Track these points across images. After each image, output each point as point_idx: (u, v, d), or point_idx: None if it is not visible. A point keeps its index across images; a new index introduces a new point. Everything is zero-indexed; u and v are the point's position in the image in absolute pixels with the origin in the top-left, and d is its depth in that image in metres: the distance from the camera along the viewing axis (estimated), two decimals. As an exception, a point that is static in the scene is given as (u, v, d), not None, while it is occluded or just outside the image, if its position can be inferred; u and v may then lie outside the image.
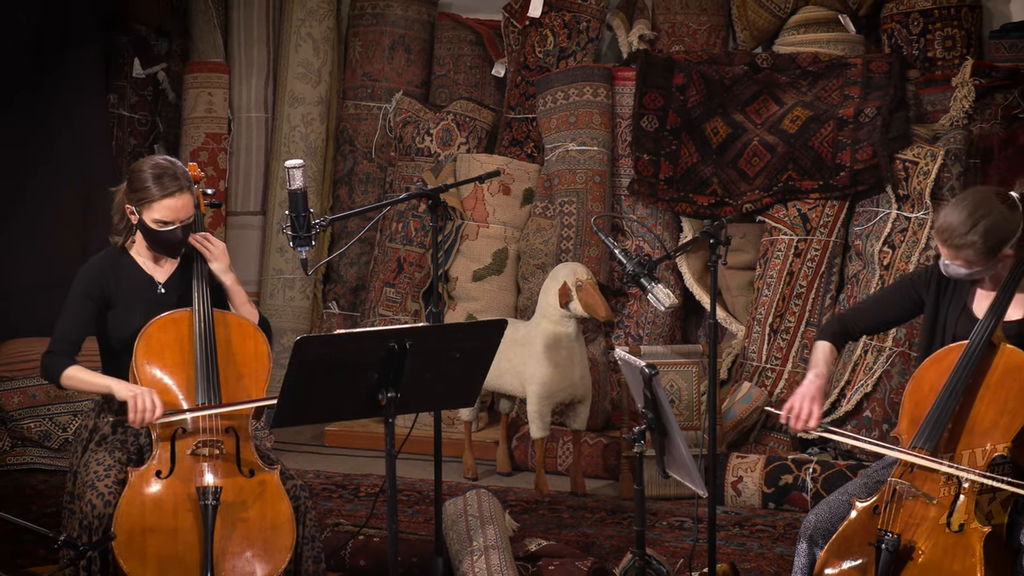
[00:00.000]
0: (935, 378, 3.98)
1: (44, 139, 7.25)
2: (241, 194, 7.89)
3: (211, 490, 4.13)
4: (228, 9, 7.88)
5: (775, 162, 6.73)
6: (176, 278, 4.50)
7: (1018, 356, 3.89)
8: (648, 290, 4.72)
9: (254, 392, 4.39)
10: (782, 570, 5.19)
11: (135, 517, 4.10)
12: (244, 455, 4.31)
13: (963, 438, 3.89)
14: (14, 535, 5.36)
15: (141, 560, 4.09)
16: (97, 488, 4.18)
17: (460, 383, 4.30)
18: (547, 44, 7.34)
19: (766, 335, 6.64)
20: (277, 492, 4.27)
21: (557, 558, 5.01)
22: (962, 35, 6.84)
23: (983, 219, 3.87)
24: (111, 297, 4.42)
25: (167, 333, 4.36)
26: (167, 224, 4.34)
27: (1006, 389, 3.87)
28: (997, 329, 3.94)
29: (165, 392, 4.31)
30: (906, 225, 6.43)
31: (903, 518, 3.84)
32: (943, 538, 3.77)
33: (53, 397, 6.46)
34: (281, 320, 7.69)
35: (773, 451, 6.29)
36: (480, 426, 6.90)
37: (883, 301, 4.33)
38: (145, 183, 4.33)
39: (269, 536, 4.21)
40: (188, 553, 4.11)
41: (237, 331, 4.46)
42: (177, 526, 4.14)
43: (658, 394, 3.82)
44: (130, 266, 4.48)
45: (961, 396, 3.90)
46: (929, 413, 3.92)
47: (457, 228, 7.21)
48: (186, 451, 4.25)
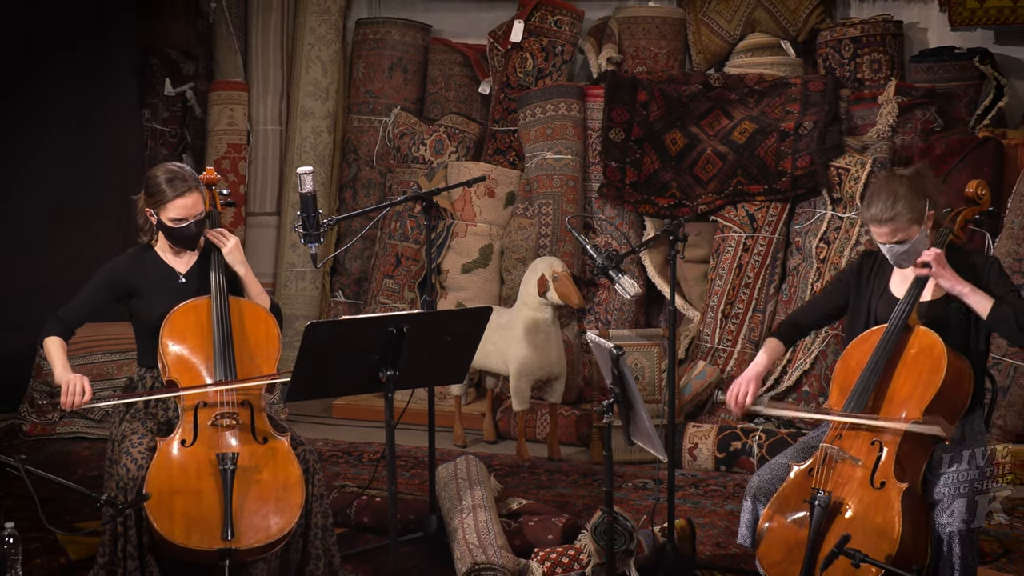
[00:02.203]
0: (860, 356, 4.02)
1: (88, 151, 7.26)
2: (259, 197, 7.89)
3: (229, 456, 4.13)
4: (247, 35, 7.87)
5: (726, 169, 6.74)
6: (195, 269, 4.50)
7: (929, 337, 3.92)
8: (615, 281, 4.72)
9: (265, 369, 4.39)
10: (731, 524, 5.19)
11: (164, 481, 4.10)
12: (258, 424, 4.31)
13: (884, 407, 3.92)
14: (62, 495, 5.34)
15: (170, 518, 4.09)
16: (131, 454, 4.19)
17: (451, 362, 4.31)
18: (527, 65, 7.34)
19: (718, 320, 6.65)
20: (288, 456, 4.27)
21: (536, 515, 5.02)
22: (887, 59, 6.86)
23: (898, 194, 3.91)
24: (138, 288, 4.43)
25: (188, 318, 4.36)
26: (181, 221, 4.36)
27: (920, 365, 3.90)
28: (913, 312, 3.97)
29: (189, 369, 4.32)
30: (839, 224, 6.45)
31: (833, 478, 3.86)
32: (867, 494, 3.79)
33: (97, 375, 6.45)
34: (293, 307, 7.68)
35: (724, 421, 6.29)
36: (468, 400, 6.91)
37: (824, 297, 4.36)
38: (159, 187, 4.35)
39: (281, 495, 4.21)
40: (210, 511, 4.11)
41: (250, 315, 4.46)
42: (200, 488, 4.13)
43: (624, 372, 3.83)
44: (154, 260, 4.49)
45: (882, 371, 3.93)
46: (855, 385, 3.95)
47: (448, 227, 7.21)
48: (207, 422, 4.25)
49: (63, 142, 7.15)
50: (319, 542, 4.39)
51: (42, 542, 4.94)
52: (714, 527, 5.21)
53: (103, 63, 7.32)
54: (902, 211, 3.90)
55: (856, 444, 3.89)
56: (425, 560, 4.86)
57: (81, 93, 7.25)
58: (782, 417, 5.76)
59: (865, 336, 4.06)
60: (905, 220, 3.91)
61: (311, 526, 4.36)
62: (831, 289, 4.33)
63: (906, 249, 3.96)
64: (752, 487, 4.06)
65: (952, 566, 3.72)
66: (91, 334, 6.34)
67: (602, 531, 4.49)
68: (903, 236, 3.93)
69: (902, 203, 3.90)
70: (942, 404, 3.86)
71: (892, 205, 3.91)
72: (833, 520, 3.79)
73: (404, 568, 4.72)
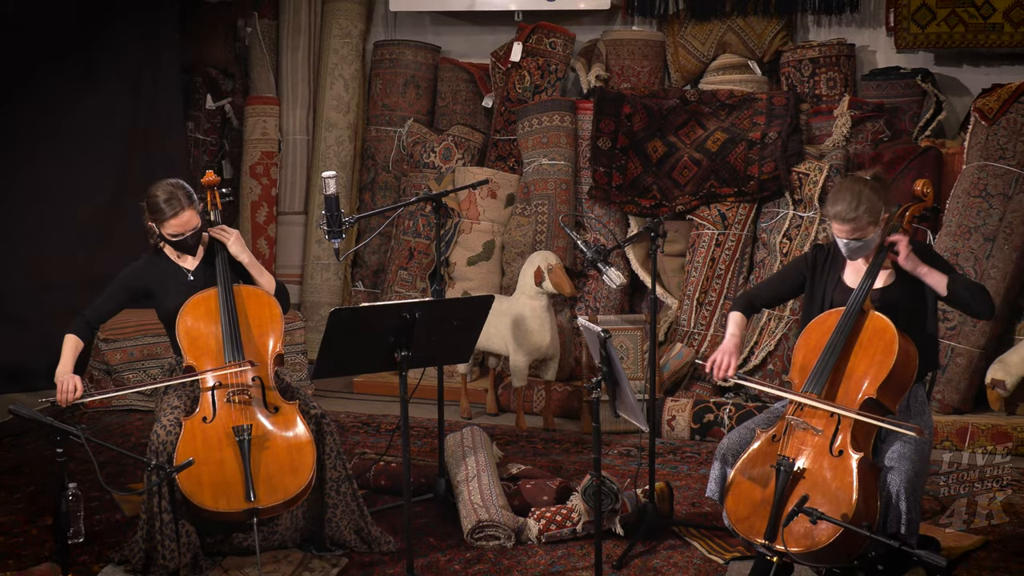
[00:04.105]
0: (819, 336, 4.02)
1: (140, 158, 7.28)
2: (288, 198, 7.89)
3: (244, 428, 4.17)
4: (279, 56, 7.87)
5: (701, 173, 6.74)
6: (202, 266, 4.53)
7: (882, 321, 3.93)
8: (603, 272, 4.73)
9: (271, 346, 4.44)
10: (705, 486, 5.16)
11: (190, 454, 4.12)
12: (268, 398, 4.33)
13: (842, 384, 3.93)
14: (118, 460, 5.39)
15: (199, 486, 4.12)
16: (162, 422, 4.25)
17: (457, 344, 4.33)
18: (525, 82, 7.34)
19: (694, 307, 6.66)
20: (297, 421, 4.30)
21: (533, 479, 5.03)
22: (841, 77, 6.85)
23: (862, 197, 3.92)
24: (152, 289, 4.47)
25: (199, 308, 4.40)
26: (178, 235, 4.40)
27: (874, 347, 3.91)
28: (866, 299, 3.99)
29: (204, 352, 4.36)
30: (800, 222, 6.45)
31: (796, 446, 3.87)
32: (827, 461, 3.80)
33: (146, 355, 6.47)
34: (318, 295, 7.69)
35: (699, 396, 6.31)
36: (473, 378, 6.91)
37: (778, 279, 4.35)
38: (158, 207, 4.38)
39: (295, 456, 4.23)
40: (233, 477, 4.14)
41: (253, 300, 4.48)
42: (222, 457, 4.16)
43: (611, 353, 3.84)
44: (165, 262, 4.52)
45: (840, 351, 3.94)
46: (816, 364, 3.96)
47: (455, 224, 7.21)
48: (223, 400, 4.28)
49: (119, 149, 7.17)
50: (335, 493, 4.41)
51: (100, 500, 4.97)
52: (689, 489, 5.21)
53: (153, 81, 7.35)
54: (863, 215, 3.92)
55: (816, 416, 3.90)
56: (435, 518, 4.87)
57: (135, 107, 7.28)
58: (764, 392, 5.71)
59: (823, 318, 4.06)
60: (865, 222, 3.93)
61: (326, 479, 4.39)
62: (785, 275, 4.32)
63: (860, 245, 3.98)
64: (722, 449, 4.07)
65: (899, 521, 3.74)
66: (144, 319, 6.36)
67: (591, 493, 4.50)
68: (860, 235, 3.95)
69: (865, 207, 3.91)
70: (893, 382, 3.88)
71: (856, 207, 3.92)
72: (797, 483, 3.80)
73: (417, 525, 4.73)
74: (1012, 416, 5.84)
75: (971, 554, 4.41)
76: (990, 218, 6.03)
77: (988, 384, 5.87)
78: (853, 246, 3.98)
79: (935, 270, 3.96)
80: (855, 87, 6.91)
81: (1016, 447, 5.62)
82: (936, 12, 6.53)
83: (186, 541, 4.19)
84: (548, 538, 4.59)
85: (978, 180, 6.10)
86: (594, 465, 3.88)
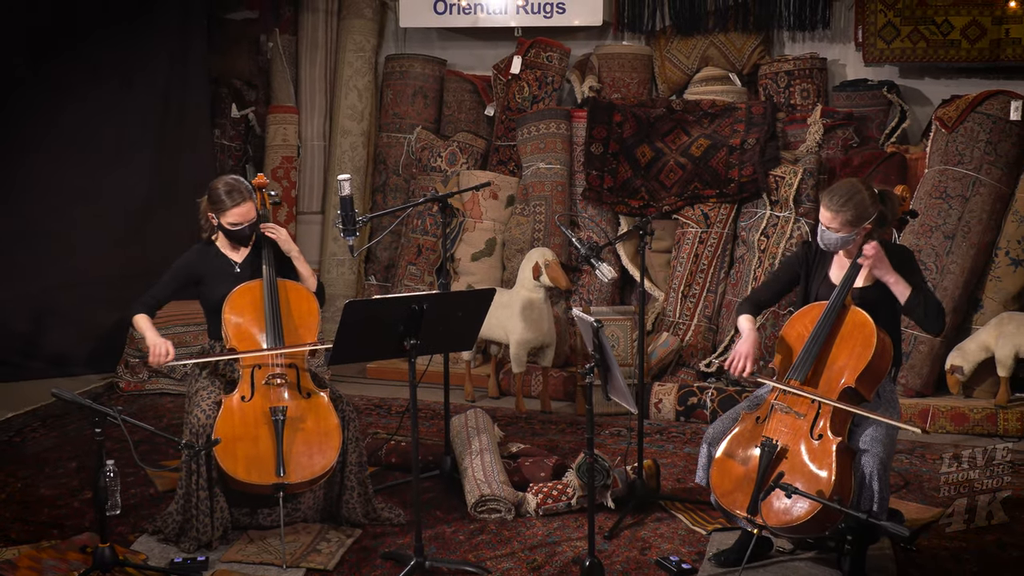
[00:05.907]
0: (802, 328, 3.99)
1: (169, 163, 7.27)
2: (307, 199, 7.86)
3: (280, 408, 4.15)
4: (298, 68, 7.84)
5: (685, 177, 6.72)
6: (249, 259, 4.51)
7: (861, 316, 3.89)
8: (596, 268, 4.71)
9: (308, 337, 4.41)
10: (690, 464, 5.20)
11: (228, 429, 4.12)
12: (303, 383, 4.32)
13: (824, 373, 3.90)
14: (151, 439, 5.38)
15: (234, 460, 4.11)
16: (201, 406, 4.22)
17: (462, 334, 4.30)
18: (524, 92, 7.32)
19: (679, 299, 6.65)
20: (327, 408, 4.29)
21: (531, 456, 5.02)
22: (814, 88, 6.83)
23: (854, 197, 3.87)
24: (203, 276, 4.45)
25: (244, 298, 4.38)
26: (237, 225, 4.38)
27: (853, 339, 3.88)
28: (847, 295, 3.97)
29: (246, 338, 4.34)
30: (777, 221, 6.44)
31: (779, 428, 3.85)
32: (808, 444, 3.78)
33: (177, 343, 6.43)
34: (334, 289, 7.67)
35: (683, 381, 6.30)
36: (476, 364, 6.90)
37: (776, 278, 4.28)
38: (220, 197, 4.36)
39: (324, 439, 4.23)
40: (266, 453, 4.13)
41: (295, 294, 4.46)
42: (258, 434, 4.16)
43: (603, 341, 3.83)
44: (216, 253, 4.50)
45: (822, 344, 3.91)
46: (800, 353, 3.92)
47: (460, 223, 7.20)
48: (261, 381, 4.27)
49: (152, 155, 7.16)
50: (354, 477, 4.41)
51: (135, 476, 4.97)
52: (675, 466, 5.20)
53: (182, 91, 7.33)
54: (846, 212, 3.86)
55: (799, 401, 3.88)
56: (441, 493, 4.86)
57: (165, 116, 7.26)
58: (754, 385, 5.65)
59: (807, 310, 4.03)
60: (845, 219, 3.87)
61: (347, 463, 4.38)
62: (781, 273, 4.26)
63: (834, 240, 3.94)
64: (708, 436, 4.05)
65: (872, 500, 3.72)
66: (175, 310, 6.34)
67: (585, 469, 4.49)
68: (836, 229, 3.92)
69: (852, 206, 3.86)
70: (870, 373, 3.85)
71: (844, 203, 3.87)
72: (779, 463, 3.78)
73: (425, 499, 4.72)
74: (969, 399, 5.83)
75: (931, 525, 4.40)
76: (950, 218, 6.02)
77: (948, 370, 5.86)
78: (828, 237, 3.95)
79: (902, 280, 3.91)
80: (827, 97, 6.88)
81: (972, 427, 5.62)
82: (900, 29, 6.52)
83: (220, 516, 4.20)
84: (545, 511, 4.58)
85: (939, 183, 6.09)
86: (587, 444, 3.87)
